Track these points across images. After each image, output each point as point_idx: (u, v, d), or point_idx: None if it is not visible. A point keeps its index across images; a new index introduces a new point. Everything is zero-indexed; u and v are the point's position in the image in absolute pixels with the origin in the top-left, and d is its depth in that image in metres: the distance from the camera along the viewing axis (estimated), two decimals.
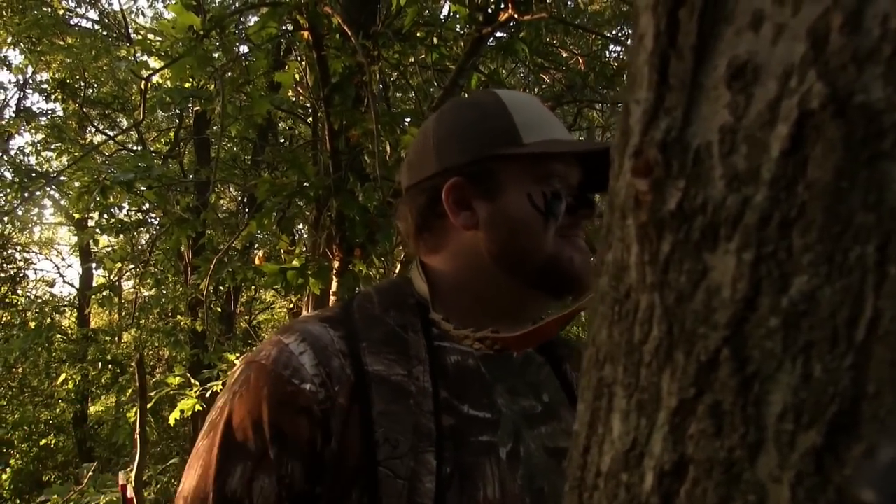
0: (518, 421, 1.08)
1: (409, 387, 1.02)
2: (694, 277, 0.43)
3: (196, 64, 3.72)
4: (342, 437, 0.97)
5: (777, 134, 0.41)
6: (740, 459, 0.39)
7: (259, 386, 1.01)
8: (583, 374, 0.55)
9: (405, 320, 1.10)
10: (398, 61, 4.44)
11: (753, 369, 0.39)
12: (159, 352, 11.32)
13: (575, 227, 1.13)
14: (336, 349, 1.03)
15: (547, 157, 1.11)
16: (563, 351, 1.24)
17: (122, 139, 10.54)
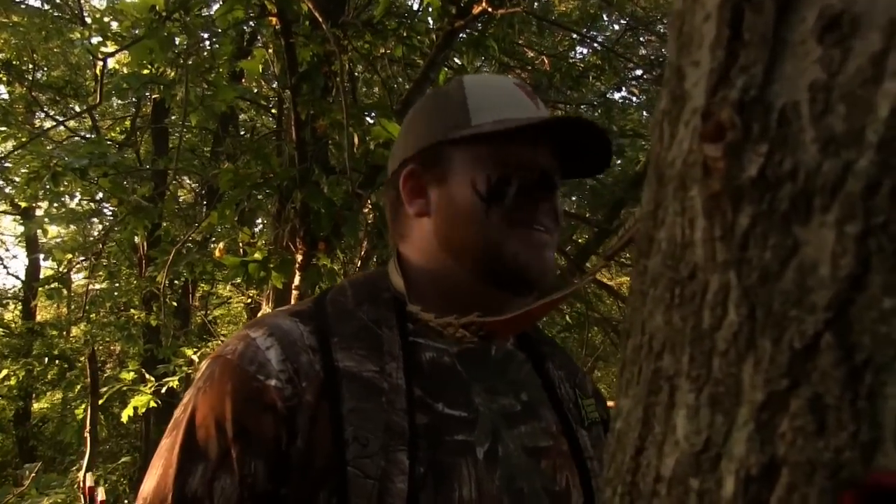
0: (496, 420, 1.04)
1: (382, 384, 0.98)
2: (782, 254, 0.38)
3: (158, 47, 3.61)
4: (309, 436, 0.94)
5: (885, 91, 0.36)
6: (850, 461, 0.33)
7: (223, 382, 0.98)
8: (624, 365, 0.49)
9: (379, 315, 1.06)
10: (368, 52, 4.36)
11: (864, 357, 0.34)
12: (111, 347, 11.07)
13: (530, 212, 1.06)
14: (305, 344, 1.00)
15: (497, 138, 1.06)
16: (546, 349, 1.20)
17: (74, 126, 10.30)
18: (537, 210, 1.06)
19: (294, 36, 3.81)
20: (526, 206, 1.06)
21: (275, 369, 0.97)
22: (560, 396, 1.13)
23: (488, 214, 1.05)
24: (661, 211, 0.48)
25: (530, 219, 1.06)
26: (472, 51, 5.13)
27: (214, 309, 13.12)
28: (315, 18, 3.77)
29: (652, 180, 0.50)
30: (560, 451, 1.07)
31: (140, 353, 7.45)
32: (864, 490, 0.33)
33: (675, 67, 0.50)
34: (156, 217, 4.89)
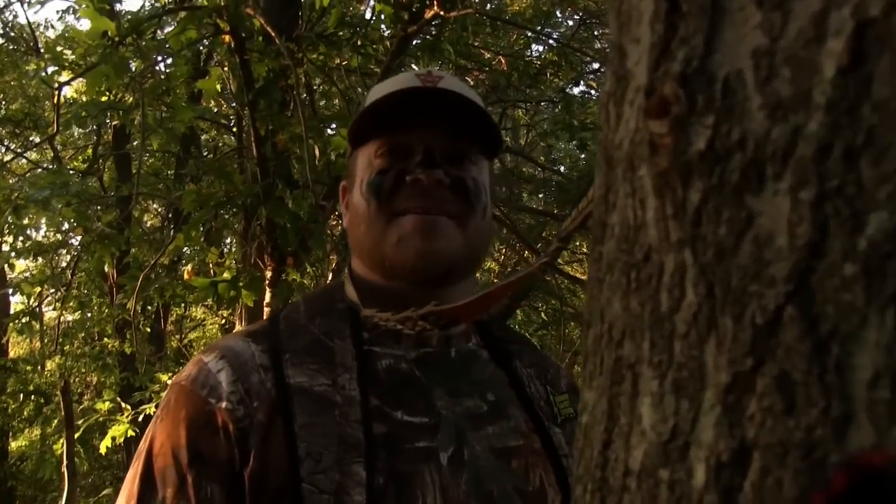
0: (461, 423, 1.01)
1: (334, 396, 0.96)
2: (736, 227, 0.36)
3: (112, 72, 3.56)
4: (263, 456, 0.92)
5: (829, 50, 0.34)
6: (824, 439, 0.32)
7: (178, 408, 0.98)
8: (587, 356, 0.48)
9: (331, 327, 1.04)
10: (324, 63, 4.34)
11: (829, 328, 0.32)
12: (87, 377, 10.91)
13: (409, 199, 1.03)
14: (257, 363, 0.99)
15: (368, 133, 1.06)
16: (513, 347, 1.17)
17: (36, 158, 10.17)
18: (419, 193, 1.02)
19: (248, 52, 3.78)
20: (406, 192, 1.03)
21: (226, 391, 0.96)
22: (530, 394, 1.09)
23: (371, 212, 1.04)
24: (611, 194, 0.46)
25: (410, 204, 1.03)
26: (427, 55, 5.12)
27: (189, 332, 12.99)
28: (268, 34, 3.74)
29: (602, 164, 0.49)
30: (532, 450, 1.04)
31: (117, 382, 7.34)
32: (855, 472, 0.31)
33: (617, 46, 0.48)
34: (123, 244, 4.83)
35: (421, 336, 1.06)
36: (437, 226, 1.02)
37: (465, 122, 1.06)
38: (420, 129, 1.05)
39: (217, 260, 4.44)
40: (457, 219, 1.04)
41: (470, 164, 1.07)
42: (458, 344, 1.10)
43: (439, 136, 1.05)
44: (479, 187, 1.07)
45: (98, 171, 9.29)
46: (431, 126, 1.05)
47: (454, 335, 1.09)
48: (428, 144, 1.04)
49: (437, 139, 1.05)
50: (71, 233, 7.35)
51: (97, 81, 3.65)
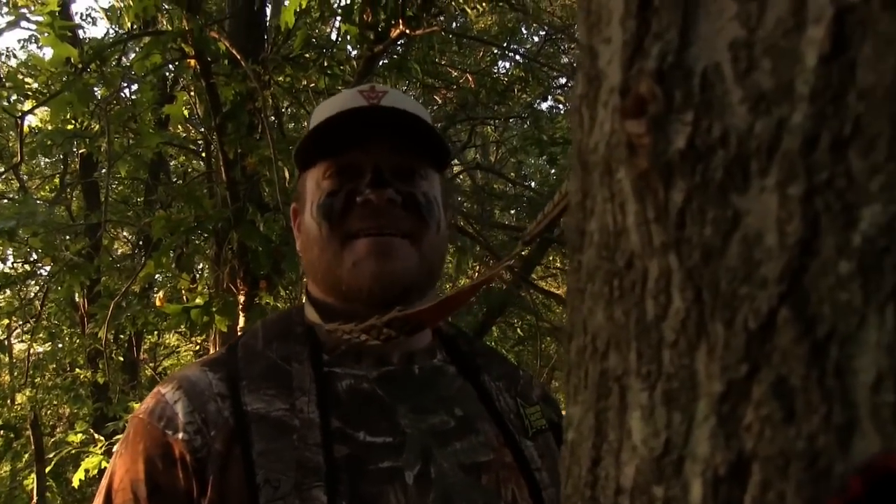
0: (426, 440, 0.99)
1: (292, 421, 0.95)
2: (723, 227, 0.34)
3: (77, 99, 3.52)
4: (221, 485, 0.91)
5: (810, 38, 0.33)
6: (827, 448, 0.30)
7: (136, 442, 0.97)
8: (570, 370, 0.46)
9: (289, 351, 1.03)
10: (291, 85, 4.32)
11: (826, 329, 0.30)
12: (59, 409, 10.74)
13: (361, 220, 1.01)
14: (213, 392, 0.98)
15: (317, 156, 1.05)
16: (480, 361, 1.15)
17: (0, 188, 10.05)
18: (370, 213, 1.01)
19: (214, 76, 3.75)
20: (357, 212, 1.02)
21: (182, 422, 0.95)
22: (499, 408, 1.08)
23: (323, 234, 1.03)
24: (588, 200, 0.44)
25: (362, 225, 1.02)
26: (394, 74, 5.12)
27: (163, 360, 12.85)
28: (234, 57, 3.72)
29: (577, 169, 0.47)
30: (503, 464, 1.02)
31: (90, 413, 7.24)
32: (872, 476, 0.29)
33: (588, 48, 0.46)
34: (93, 272, 4.77)
35: (382, 354, 1.05)
36: (391, 247, 1.01)
37: (411, 138, 1.05)
38: (366, 147, 1.04)
39: (189, 286, 4.39)
40: (410, 237, 1.03)
41: (420, 178, 1.06)
42: (421, 360, 1.08)
43: (387, 154, 1.04)
44: (430, 202, 1.06)
45: (66, 200, 9.19)
46: (378, 144, 1.04)
47: (417, 352, 1.08)
48: (376, 163, 1.03)
49: (385, 157, 1.04)
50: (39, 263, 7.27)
51: (61, 109, 3.61)
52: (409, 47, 5.43)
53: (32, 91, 4.62)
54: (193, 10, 3.57)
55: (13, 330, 7.98)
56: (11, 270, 6.36)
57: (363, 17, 4.07)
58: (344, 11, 4.15)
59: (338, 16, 4.42)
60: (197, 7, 3.76)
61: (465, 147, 8.61)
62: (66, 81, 3.53)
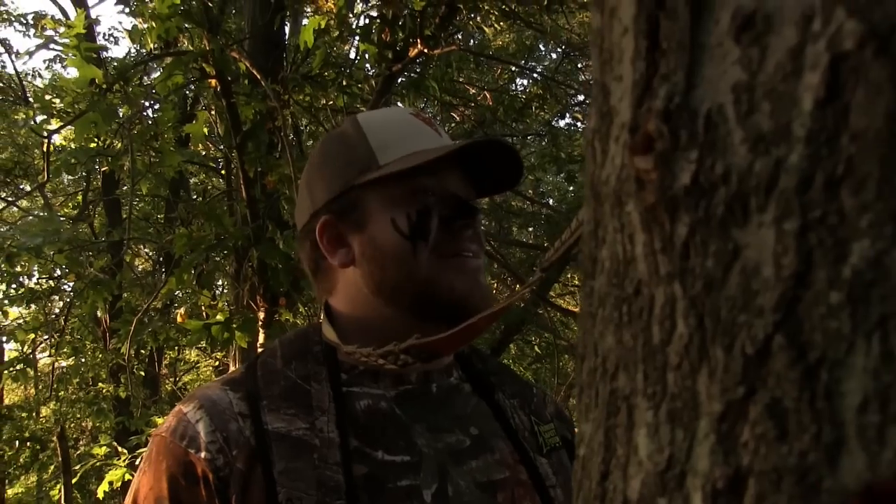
0: (443, 459, 1.01)
1: (313, 440, 0.96)
2: (723, 259, 0.37)
3: (100, 119, 3.58)
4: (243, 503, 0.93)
5: (806, 84, 0.35)
6: (816, 465, 0.32)
7: (159, 460, 0.98)
8: (582, 389, 0.48)
9: (307, 370, 1.04)
10: (310, 104, 4.37)
11: (817, 355, 0.33)
12: (82, 423, 10.84)
13: (457, 241, 1.05)
14: (234, 412, 0.99)
15: (408, 173, 1.04)
16: (494, 379, 1.16)
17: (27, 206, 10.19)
18: (462, 237, 1.05)
19: (235, 95, 3.81)
20: (450, 235, 1.05)
21: (204, 441, 0.96)
22: (514, 426, 1.10)
23: (416, 252, 1.03)
24: (600, 230, 0.47)
25: (458, 247, 1.05)
26: (412, 93, 5.16)
27: (183, 375, 12.92)
28: (254, 76, 3.77)
29: (590, 199, 0.50)
30: (518, 481, 1.04)
31: (112, 427, 7.30)
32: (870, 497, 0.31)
33: (600, 84, 0.49)
34: (115, 288, 4.82)
35: (400, 373, 1.06)
36: (481, 270, 1.07)
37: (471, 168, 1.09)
38: (442, 174, 1.06)
39: (209, 302, 4.43)
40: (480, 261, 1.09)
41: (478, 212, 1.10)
42: (438, 379, 1.09)
43: (460, 183, 1.08)
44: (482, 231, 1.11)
45: (89, 217, 9.30)
46: (451, 172, 1.08)
47: (434, 370, 1.09)
48: (458, 192, 1.07)
49: (462, 186, 1.09)
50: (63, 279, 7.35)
51: (85, 128, 3.67)
52: (427, 66, 5.48)
53: (58, 111, 4.70)
54: (214, 31, 3.63)
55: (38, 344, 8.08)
56: (37, 286, 6.43)
57: (381, 36, 4.12)
58: (362, 31, 4.20)
59: (356, 35, 4.47)
60: (217, 27, 3.82)
61: None
62: (90, 101, 3.60)
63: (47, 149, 4.00)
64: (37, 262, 4.70)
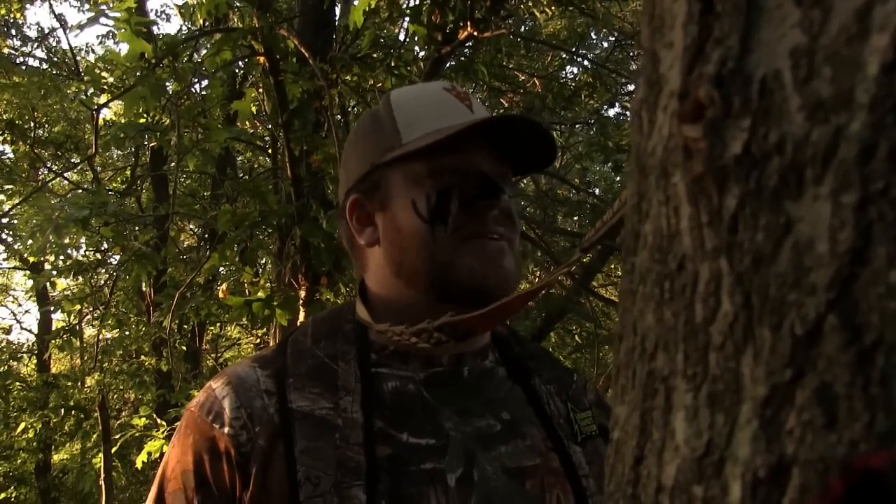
0: (470, 443, 0.99)
1: (336, 420, 0.96)
2: (775, 234, 0.35)
3: (149, 94, 3.61)
4: (263, 481, 0.93)
5: (873, 47, 0.33)
6: None
7: (187, 434, 1.00)
8: (618, 370, 0.46)
9: (336, 350, 1.04)
10: (357, 84, 4.36)
11: (873, 338, 0.30)
12: (124, 394, 11.04)
13: (478, 222, 1.01)
14: (260, 389, 1.00)
15: (427, 151, 1.01)
16: (532, 364, 1.13)
17: (77, 179, 10.36)
18: (485, 218, 1.02)
19: (283, 74, 3.81)
20: (472, 216, 1.01)
21: (229, 417, 0.97)
22: (549, 412, 1.07)
23: (434, 234, 1.01)
24: (644, 203, 0.45)
25: (480, 230, 1.02)
26: (460, 76, 5.13)
27: (225, 351, 13.08)
28: (302, 55, 3.77)
29: (634, 172, 0.47)
30: (550, 469, 1.01)
31: (153, 399, 7.42)
32: (853, 476, 0.29)
33: (650, 52, 0.47)
34: (159, 263, 4.88)
35: (431, 355, 1.04)
36: (506, 252, 1.03)
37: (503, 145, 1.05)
38: (472, 152, 1.03)
39: (252, 279, 4.47)
40: (509, 243, 1.04)
41: (509, 186, 1.06)
42: (471, 362, 1.07)
43: (490, 161, 1.04)
44: (515, 212, 1.06)
45: (136, 192, 9.43)
46: (479, 150, 1.04)
47: (467, 353, 1.07)
48: (485, 169, 1.03)
49: (492, 163, 1.04)
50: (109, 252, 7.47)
51: (134, 103, 3.71)
52: (477, 49, 5.44)
53: (108, 85, 4.75)
54: (264, 8, 3.63)
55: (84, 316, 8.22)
56: (84, 258, 6.54)
57: (431, 18, 4.10)
58: (412, 12, 4.18)
59: (406, 16, 4.46)
60: (267, 5, 3.82)
61: None
62: (139, 76, 3.63)
63: (96, 123, 4.04)
64: (84, 235, 4.77)
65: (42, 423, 9.38)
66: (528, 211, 8.06)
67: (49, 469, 12.78)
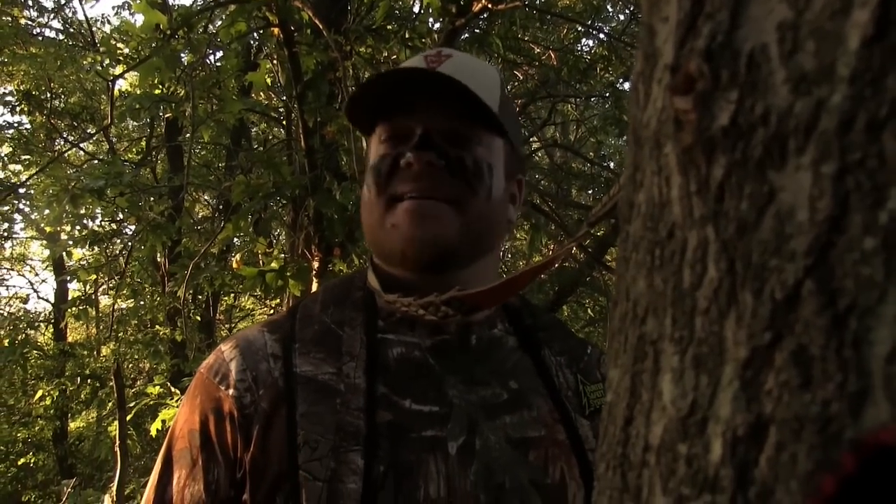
0: (474, 412, 0.99)
1: (338, 385, 0.97)
2: (758, 202, 0.36)
3: (164, 65, 3.63)
4: (264, 442, 0.95)
5: (854, 21, 0.34)
6: (839, 414, 0.31)
7: (195, 395, 1.03)
8: (612, 335, 0.48)
9: (343, 316, 1.05)
10: (371, 56, 4.36)
11: (847, 302, 0.32)
12: (139, 364, 11.16)
13: (404, 183, 1.01)
14: (267, 353, 1.02)
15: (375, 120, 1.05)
16: (543, 335, 1.13)
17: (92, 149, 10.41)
18: (412, 177, 1.00)
19: (297, 45, 3.81)
20: (401, 176, 1.01)
21: (234, 379, 0.99)
22: (557, 384, 1.06)
23: (372, 198, 1.04)
24: (639, 173, 0.46)
25: (405, 189, 1.01)
26: (475, 49, 5.11)
27: (238, 321, 13.17)
28: (317, 27, 3.77)
29: (631, 144, 0.49)
30: (555, 441, 1.00)
31: (168, 369, 7.50)
32: (864, 449, 0.31)
33: (647, 26, 0.48)
34: (174, 233, 4.92)
35: (439, 323, 1.04)
36: (429, 210, 1.00)
37: (468, 104, 1.00)
38: (420, 111, 1.03)
39: (265, 250, 4.50)
40: (455, 202, 1.01)
41: (476, 145, 1.03)
42: (479, 331, 1.07)
43: (440, 119, 1.02)
44: (480, 167, 1.02)
45: (151, 162, 9.47)
46: (432, 108, 1.02)
47: (475, 322, 1.07)
48: (426, 127, 1.01)
49: (438, 121, 1.02)
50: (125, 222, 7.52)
51: (150, 74, 3.72)
52: (492, 22, 5.42)
53: (123, 56, 4.77)
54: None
55: (100, 285, 8.30)
56: (99, 228, 6.59)
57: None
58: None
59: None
60: None
61: (544, 124, 8.55)
62: (154, 47, 3.64)
63: (112, 93, 4.06)
64: (100, 205, 4.81)
65: (59, 391, 9.51)
66: (542, 184, 8.04)
67: (66, 436, 12.97)
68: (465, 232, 1.01)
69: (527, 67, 7.46)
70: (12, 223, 13.55)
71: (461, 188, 1.01)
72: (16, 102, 10.04)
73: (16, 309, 14.90)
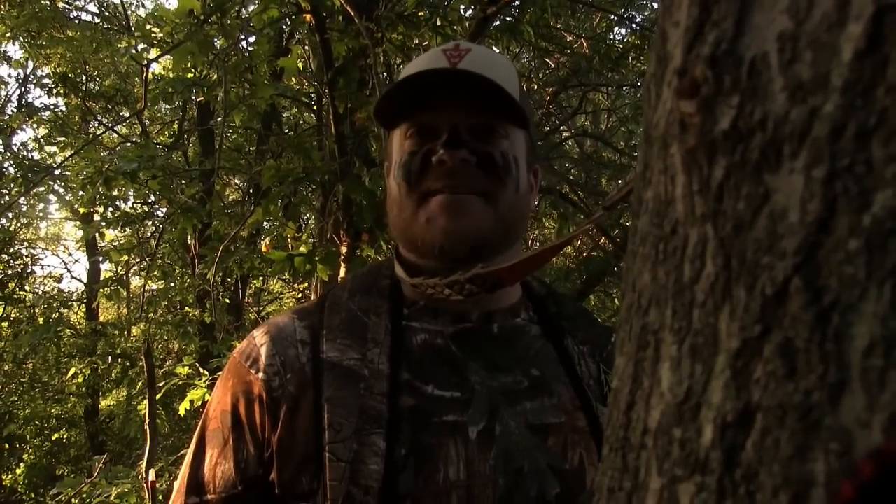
0: (495, 398, 1.01)
1: (362, 370, 1.00)
2: (754, 202, 0.38)
3: (197, 50, 3.67)
4: (291, 424, 0.99)
5: (849, 34, 0.36)
6: (820, 403, 0.34)
7: (228, 378, 1.08)
8: (620, 325, 0.50)
9: (369, 304, 1.09)
10: (402, 43, 4.38)
11: (831, 299, 0.34)
12: (169, 344, 11.31)
13: (436, 179, 1.04)
14: (296, 339, 1.06)
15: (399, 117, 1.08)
16: (567, 324, 1.15)
17: (125, 132, 10.54)
18: (445, 173, 1.03)
19: (328, 32, 3.84)
20: (433, 172, 1.04)
21: (264, 363, 1.04)
22: (579, 373, 1.08)
23: (402, 194, 1.07)
24: (648, 171, 0.48)
25: (437, 185, 1.04)
26: (507, 37, 5.11)
27: (267, 305, 13.28)
28: (348, 13, 3.79)
29: (642, 142, 0.51)
30: (574, 428, 1.02)
31: (196, 350, 7.59)
32: (883, 456, 0.32)
33: (661, 30, 0.50)
34: (204, 216, 4.98)
35: (461, 311, 1.08)
36: (463, 204, 1.03)
37: (490, 97, 1.04)
38: (445, 108, 1.06)
39: (294, 234, 4.54)
40: (486, 195, 1.04)
41: (500, 137, 1.06)
42: (501, 319, 1.10)
43: (464, 114, 1.05)
44: (508, 161, 1.06)
45: (183, 146, 9.57)
46: (456, 104, 1.05)
47: (498, 310, 1.10)
48: (453, 123, 1.04)
49: (463, 116, 1.05)
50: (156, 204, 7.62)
51: (183, 58, 3.77)
52: (523, 10, 5.41)
53: (157, 40, 4.82)
54: None
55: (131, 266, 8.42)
56: (131, 210, 6.67)
57: None
58: None
59: None
60: None
61: (575, 113, 8.52)
62: (188, 32, 3.68)
63: (146, 77, 4.12)
64: (132, 187, 4.87)
65: (90, 370, 9.66)
66: (571, 173, 8.03)
67: (97, 414, 13.19)
68: (497, 224, 1.06)
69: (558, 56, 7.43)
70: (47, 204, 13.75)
71: (492, 182, 1.05)
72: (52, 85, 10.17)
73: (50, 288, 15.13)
